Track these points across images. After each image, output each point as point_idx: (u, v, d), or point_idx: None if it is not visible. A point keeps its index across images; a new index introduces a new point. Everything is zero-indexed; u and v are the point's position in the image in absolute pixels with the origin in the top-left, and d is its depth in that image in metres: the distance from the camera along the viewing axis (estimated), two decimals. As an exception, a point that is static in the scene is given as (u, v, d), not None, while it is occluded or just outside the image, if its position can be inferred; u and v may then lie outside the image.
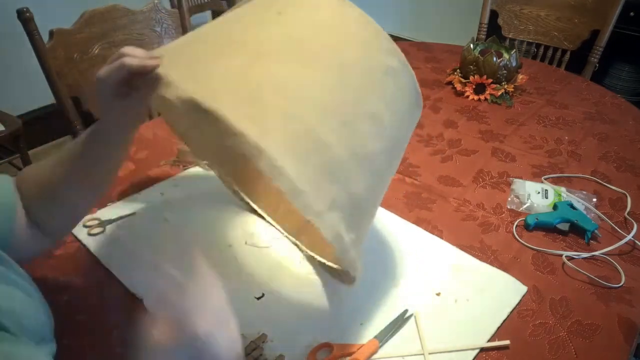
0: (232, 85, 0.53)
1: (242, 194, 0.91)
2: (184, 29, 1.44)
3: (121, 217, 0.89)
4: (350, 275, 0.63)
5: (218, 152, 0.89)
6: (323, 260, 0.77)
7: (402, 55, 0.63)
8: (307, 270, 0.80)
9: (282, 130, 0.52)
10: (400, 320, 0.70)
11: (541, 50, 1.74)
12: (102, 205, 0.91)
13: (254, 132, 0.50)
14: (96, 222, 0.87)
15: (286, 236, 0.86)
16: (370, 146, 0.59)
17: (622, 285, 0.77)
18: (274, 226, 0.88)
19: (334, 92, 0.56)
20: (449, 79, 1.43)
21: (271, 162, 0.50)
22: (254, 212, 0.91)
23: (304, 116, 0.54)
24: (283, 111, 0.53)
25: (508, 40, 1.79)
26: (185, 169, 1.03)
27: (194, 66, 0.55)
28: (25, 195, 0.62)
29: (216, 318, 0.47)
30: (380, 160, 0.61)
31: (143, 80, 0.55)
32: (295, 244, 0.85)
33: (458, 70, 1.42)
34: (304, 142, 0.53)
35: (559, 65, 1.70)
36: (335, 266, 0.74)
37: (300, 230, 0.85)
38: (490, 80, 1.33)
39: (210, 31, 0.61)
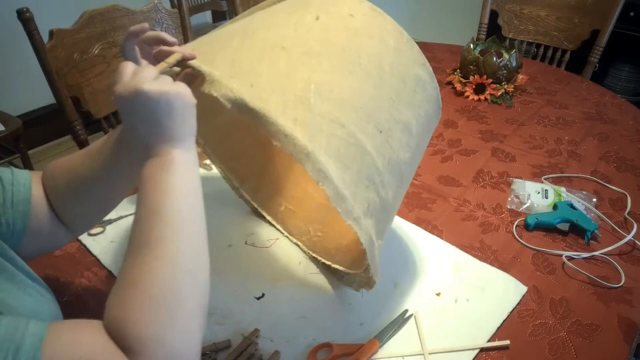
0: (279, 87, 0.53)
1: (245, 194, 0.91)
2: (184, 29, 1.44)
3: (121, 217, 0.89)
4: (372, 280, 0.65)
5: (236, 150, 0.89)
6: (330, 264, 0.77)
7: (430, 67, 0.64)
8: (307, 270, 0.80)
9: (327, 135, 0.53)
10: (400, 320, 0.70)
11: (541, 50, 1.74)
12: (102, 205, 0.91)
13: (303, 135, 0.51)
14: (96, 222, 0.87)
15: (286, 236, 0.87)
16: (401, 154, 0.60)
17: (622, 285, 0.77)
18: (274, 226, 0.88)
19: (373, 99, 0.57)
20: (449, 79, 1.43)
21: (317, 165, 0.51)
22: (255, 211, 0.91)
23: (347, 121, 0.54)
24: (328, 116, 0.53)
25: (508, 40, 1.79)
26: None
27: (237, 65, 0.54)
28: (52, 190, 0.61)
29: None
30: (406, 168, 0.63)
31: (181, 75, 0.55)
32: (297, 244, 0.85)
33: (458, 70, 1.42)
34: (346, 147, 0.54)
35: (559, 65, 1.70)
36: (348, 271, 0.74)
37: (302, 232, 0.85)
38: (490, 80, 1.34)
39: (245, 30, 0.60)
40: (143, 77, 0.47)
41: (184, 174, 0.49)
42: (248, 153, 0.90)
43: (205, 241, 0.49)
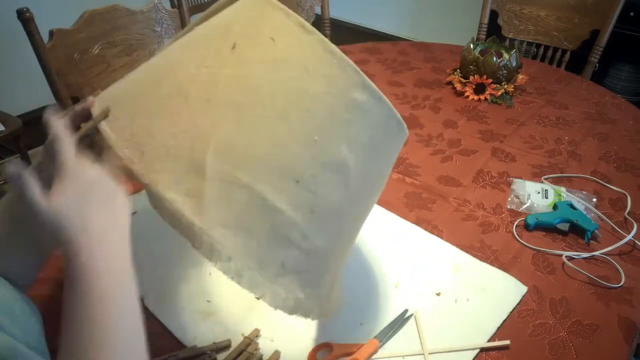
0: (173, 152, 0.48)
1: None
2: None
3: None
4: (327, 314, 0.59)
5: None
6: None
7: (373, 86, 0.55)
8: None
9: (225, 202, 0.48)
10: (400, 320, 0.70)
11: (541, 50, 1.74)
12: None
13: (192, 209, 0.46)
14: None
15: None
16: (333, 197, 0.53)
17: (622, 285, 0.77)
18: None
19: (286, 146, 0.50)
20: (449, 79, 1.43)
21: (209, 242, 0.47)
22: None
23: (251, 181, 0.49)
24: (227, 179, 0.48)
25: (508, 40, 1.79)
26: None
27: (135, 123, 0.50)
28: None
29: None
30: (350, 203, 0.56)
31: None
32: None
33: (458, 70, 1.42)
34: (249, 212, 0.48)
35: (559, 65, 1.70)
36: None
37: None
38: (490, 80, 1.34)
39: (157, 68, 0.56)
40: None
41: (100, 280, 0.45)
42: None
43: (139, 338, 0.46)
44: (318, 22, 1.86)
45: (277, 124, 0.50)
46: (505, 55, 1.35)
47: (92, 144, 0.53)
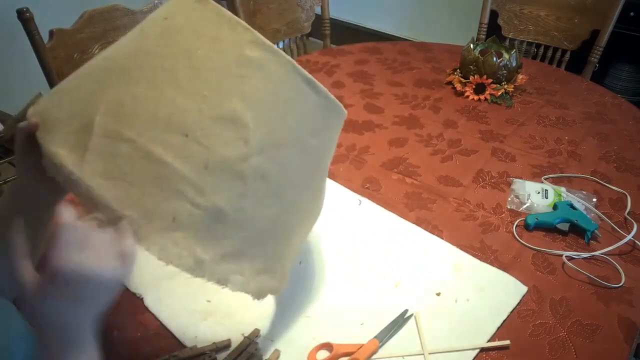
0: (68, 117, 0.53)
1: None
2: (184, 29, 1.44)
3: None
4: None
5: None
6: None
7: (267, 41, 0.56)
8: (307, 270, 0.80)
9: (108, 155, 0.50)
10: (400, 320, 0.70)
11: (541, 50, 1.74)
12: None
13: (74, 162, 0.50)
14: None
15: None
16: (230, 152, 0.53)
17: (622, 285, 0.77)
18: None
19: (174, 103, 0.53)
20: (449, 79, 1.43)
21: (87, 191, 0.49)
22: None
23: (135, 135, 0.51)
24: (113, 135, 0.51)
25: (508, 40, 1.79)
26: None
27: (51, 99, 0.56)
28: None
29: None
30: (252, 164, 0.55)
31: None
32: None
33: (458, 70, 1.42)
34: (131, 164, 0.50)
35: (559, 65, 1.70)
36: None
37: None
38: (490, 80, 1.33)
39: (90, 62, 0.61)
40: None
41: None
42: None
43: None
44: (318, 22, 1.86)
45: (165, 83, 0.53)
46: (505, 55, 1.35)
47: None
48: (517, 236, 0.87)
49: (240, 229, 0.55)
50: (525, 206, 0.94)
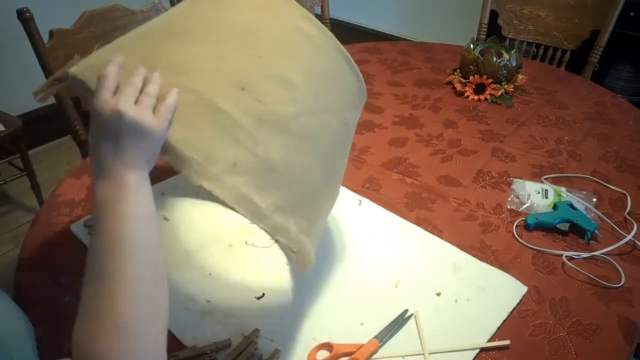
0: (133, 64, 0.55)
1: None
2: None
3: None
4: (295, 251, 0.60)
5: None
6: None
7: (313, 17, 0.63)
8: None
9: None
10: (400, 320, 0.70)
11: (541, 50, 1.74)
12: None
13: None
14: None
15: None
16: (281, 109, 0.58)
17: (622, 285, 0.77)
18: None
19: (232, 60, 0.57)
20: (449, 79, 1.43)
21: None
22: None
23: (197, 86, 0.55)
24: (174, 85, 0.54)
25: (508, 40, 1.79)
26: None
27: (100, 56, 0.57)
28: None
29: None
30: (300, 123, 0.60)
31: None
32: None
33: (458, 70, 1.42)
34: (192, 110, 0.54)
35: (559, 65, 1.70)
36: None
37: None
38: (490, 80, 1.34)
39: (143, 26, 0.64)
40: (125, 97, 0.48)
41: (140, 201, 0.49)
42: None
43: (163, 265, 0.49)
44: (318, 22, 1.86)
45: (222, 43, 0.58)
46: (505, 55, 1.35)
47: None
48: (517, 236, 0.87)
49: (289, 184, 0.59)
50: (525, 206, 0.94)
